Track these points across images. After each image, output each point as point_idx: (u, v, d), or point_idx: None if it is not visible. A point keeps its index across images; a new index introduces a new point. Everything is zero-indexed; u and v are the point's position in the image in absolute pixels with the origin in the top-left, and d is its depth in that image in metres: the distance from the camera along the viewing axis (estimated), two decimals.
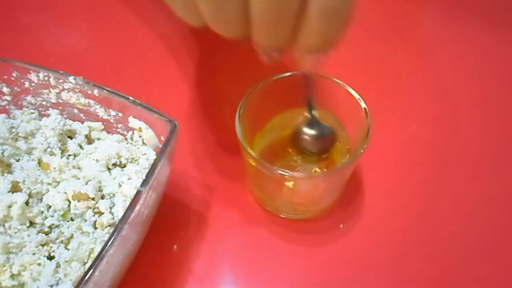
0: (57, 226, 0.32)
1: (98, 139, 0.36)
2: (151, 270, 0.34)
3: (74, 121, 0.37)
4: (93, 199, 0.32)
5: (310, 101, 0.33)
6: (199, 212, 0.37)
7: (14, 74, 0.35)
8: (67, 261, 0.30)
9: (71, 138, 0.36)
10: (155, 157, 0.34)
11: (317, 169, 0.36)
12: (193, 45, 0.48)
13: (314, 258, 0.35)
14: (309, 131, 0.34)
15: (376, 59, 0.48)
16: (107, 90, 0.34)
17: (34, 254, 0.30)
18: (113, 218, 0.32)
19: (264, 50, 0.27)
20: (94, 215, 0.32)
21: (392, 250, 0.35)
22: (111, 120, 0.36)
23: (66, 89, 0.35)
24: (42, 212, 0.32)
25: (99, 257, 0.26)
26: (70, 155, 0.35)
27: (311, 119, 0.34)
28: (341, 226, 0.36)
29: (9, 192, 0.32)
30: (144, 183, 0.28)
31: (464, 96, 0.45)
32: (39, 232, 0.31)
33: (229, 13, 0.23)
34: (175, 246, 0.35)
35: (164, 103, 0.43)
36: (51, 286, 0.29)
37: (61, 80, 0.35)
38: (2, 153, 0.34)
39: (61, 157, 0.34)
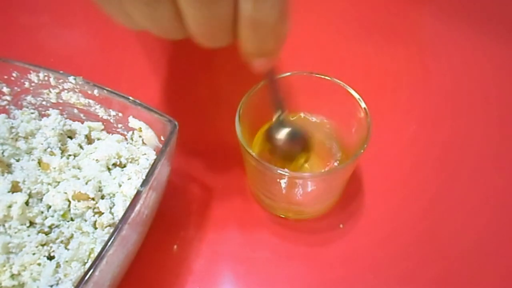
0: (57, 226, 0.32)
1: (98, 139, 0.36)
2: (151, 270, 0.34)
3: (74, 121, 0.37)
4: (93, 199, 0.32)
5: (278, 102, 0.32)
6: (199, 212, 0.37)
7: (14, 74, 0.35)
8: (67, 261, 0.30)
9: (71, 138, 0.36)
10: (155, 157, 0.34)
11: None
12: (193, 45, 0.48)
13: (314, 258, 0.35)
14: (278, 133, 0.34)
15: (376, 59, 0.48)
16: (107, 90, 0.34)
17: (34, 254, 0.30)
18: (113, 218, 0.32)
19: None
20: (94, 215, 0.32)
21: (392, 250, 0.35)
22: (111, 120, 0.36)
23: (66, 89, 0.35)
24: (42, 212, 0.32)
25: (99, 257, 0.26)
26: (70, 155, 0.35)
27: (281, 121, 0.33)
28: (341, 226, 0.36)
29: (9, 192, 0.32)
30: (144, 183, 0.28)
31: (464, 96, 0.45)
32: (39, 232, 0.31)
33: (163, 21, 0.23)
34: (175, 246, 0.35)
35: (164, 103, 0.44)
36: (51, 286, 0.29)
37: (61, 80, 0.35)
38: (2, 153, 0.34)
39: (61, 157, 0.34)
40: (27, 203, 0.32)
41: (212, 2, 0.22)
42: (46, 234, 0.31)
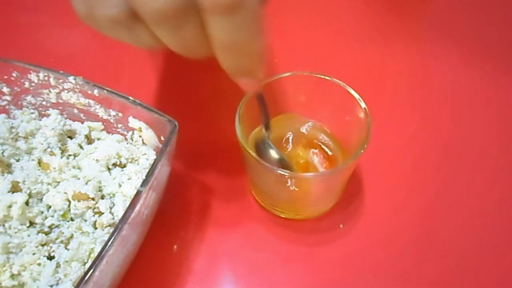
0: (57, 226, 0.32)
1: (98, 139, 0.36)
2: (151, 270, 0.34)
3: (74, 121, 0.37)
4: (93, 199, 0.32)
5: (265, 121, 0.33)
6: (199, 212, 0.37)
7: (14, 74, 0.35)
8: (67, 261, 0.30)
9: (71, 138, 0.36)
10: (155, 157, 0.34)
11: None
12: None
13: (314, 258, 0.35)
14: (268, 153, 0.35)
15: (376, 59, 0.48)
16: (107, 90, 0.34)
17: (34, 254, 0.30)
18: (113, 218, 0.32)
19: None
20: (94, 215, 0.32)
21: (392, 250, 0.35)
22: (111, 120, 0.36)
23: (66, 89, 0.35)
24: (42, 212, 0.32)
25: (99, 257, 0.26)
26: (70, 155, 0.35)
27: (268, 142, 0.34)
28: (341, 226, 0.36)
29: (9, 192, 0.32)
30: (144, 183, 0.28)
31: (464, 96, 0.45)
32: (39, 232, 0.31)
33: (141, 39, 0.25)
34: (175, 246, 0.35)
35: (164, 103, 0.44)
36: (51, 286, 0.29)
37: (61, 80, 0.35)
38: (2, 153, 0.34)
39: (61, 157, 0.34)
40: (27, 203, 0.32)
41: (177, 28, 0.22)
42: (46, 234, 0.31)
